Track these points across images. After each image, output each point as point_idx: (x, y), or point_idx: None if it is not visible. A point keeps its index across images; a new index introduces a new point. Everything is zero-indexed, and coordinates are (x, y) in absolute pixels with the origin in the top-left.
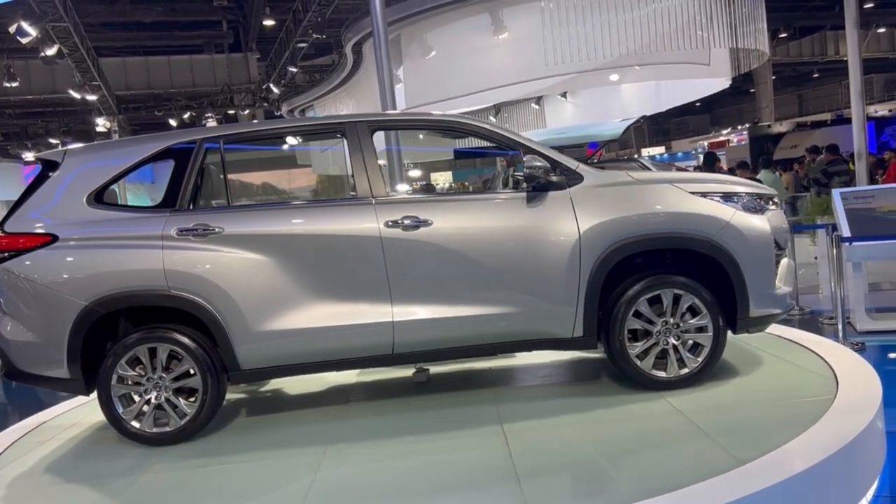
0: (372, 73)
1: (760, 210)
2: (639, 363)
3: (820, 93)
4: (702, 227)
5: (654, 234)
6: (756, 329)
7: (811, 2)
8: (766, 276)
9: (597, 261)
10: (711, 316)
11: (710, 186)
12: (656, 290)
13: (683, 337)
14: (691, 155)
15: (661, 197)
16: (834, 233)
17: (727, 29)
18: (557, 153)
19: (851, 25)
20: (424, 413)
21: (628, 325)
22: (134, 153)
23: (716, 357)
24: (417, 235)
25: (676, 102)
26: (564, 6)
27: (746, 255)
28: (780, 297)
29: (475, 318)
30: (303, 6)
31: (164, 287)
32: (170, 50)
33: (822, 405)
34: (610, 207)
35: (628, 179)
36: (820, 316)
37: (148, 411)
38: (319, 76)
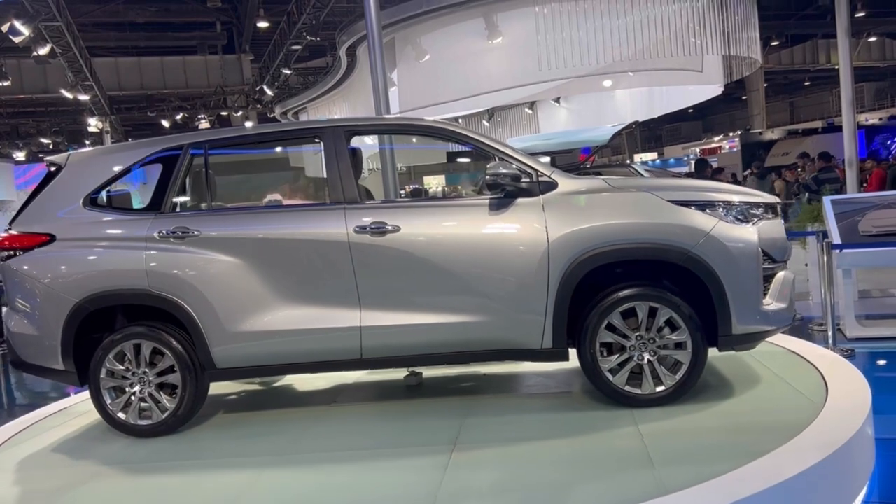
0: (366, 76)
1: (749, 220)
2: (611, 378)
3: (811, 100)
4: (678, 238)
5: (626, 244)
6: (743, 347)
7: (803, 10)
8: (750, 290)
9: (566, 270)
10: (690, 331)
11: (691, 195)
12: (630, 302)
13: (660, 353)
14: (683, 161)
15: (636, 205)
16: (825, 240)
17: (720, 36)
18: (532, 159)
19: (843, 34)
20: (391, 423)
21: (601, 337)
22: (127, 158)
23: (695, 375)
24: (385, 241)
25: (669, 109)
26: (558, 11)
27: (728, 268)
28: (769, 314)
29: (442, 326)
30: (297, 8)
31: (146, 287)
32: (163, 51)
33: (811, 411)
34: (581, 215)
35: (604, 186)
36: (810, 322)
37: (133, 404)
38: (313, 78)
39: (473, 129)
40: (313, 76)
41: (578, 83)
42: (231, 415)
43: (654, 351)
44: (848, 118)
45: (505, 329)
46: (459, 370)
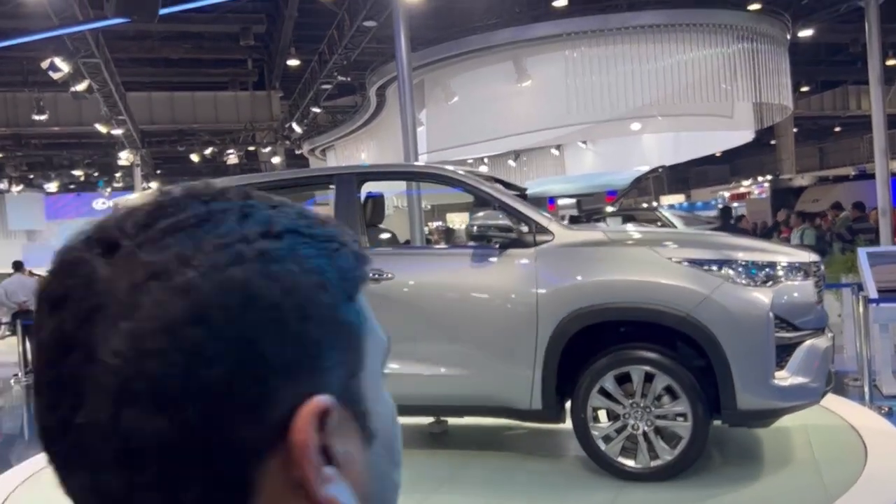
0: (394, 116)
1: (763, 281)
2: (603, 447)
3: (841, 146)
4: (674, 300)
5: (617, 304)
6: (756, 424)
7: (833, 57)
8: (757, 361)
9: (555, 327)
10: (690, 402)
11: (693, 252)
12: (624, 366)
13: (656, 423)
14: (712, 204)
15: (632, 262)
16: (860, 293)
17: (751, 82)
18: (531, 208)
19: (875, 81)
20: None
21: (592, 402)
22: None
23: (694, 450)
24: (378, 288)
25: (696, 154)
26: (588, 56)
27: (731, 335)
28: (784, 389)
29: (431, 378)
30: (329, 48)
31: None
32: (195, 86)
33: (850, 475)
34: (574, 270)
35: (602, 239)
36: (845, 377)
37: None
38: (341, 117)
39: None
40: (342, 114)
41: (606, 126)
42: None
43: (651, 421)
44: (881, 166)
45: (493, 386)
46: (484, 422)
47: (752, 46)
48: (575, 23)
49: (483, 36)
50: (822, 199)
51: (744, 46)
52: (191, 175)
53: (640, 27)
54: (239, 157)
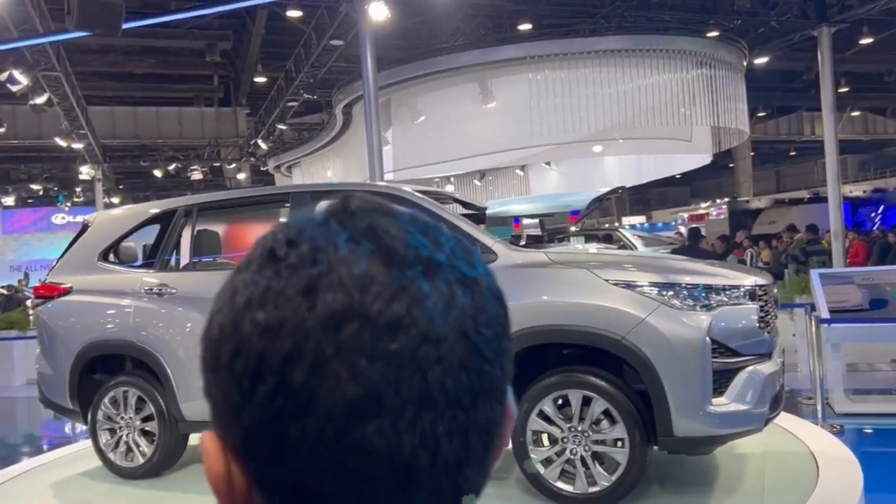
0: (360, 134)
1: (703, 306)
2: (542, 471)
3: (796, 170)
4: (609, 323)
5: (554, 326)
6: (695, 451)
7: (789, 83)
8: (693, 387)
9: None
10: (627, 427)
11: (632, 275)
12: (562, 389)
13: (593, 448)
14: (672, 225)
15: (570, 284)
16: (813, 313)
17: (709, 107)
18: (476, 228)
19: (827, 109)
20: None
21: (532, 426)
22: (134, 218)
23: (632, 477)
24: None
25: (657, 175)
26: (551, 79)
27: (666, 360)
28: (722, 416)
29: None
30: (295, 66)
31: (132, 339)
32: (159, 101)
33: (802, 495)
34: (514, 291)
35: (543, 261)
36: (799, 395)
37: (120, 447)
38: (308, 134)
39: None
40: (308, 132)
41: (569, 148)
42: None
43: (588, 446)
44: (833, 191)
45: None
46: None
47: (711, 72)
48: (539, 46)
49: (449, 57)
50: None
51: (702, 72)
52: (154, 191)
53: (603, 52)
54: (203, 172)
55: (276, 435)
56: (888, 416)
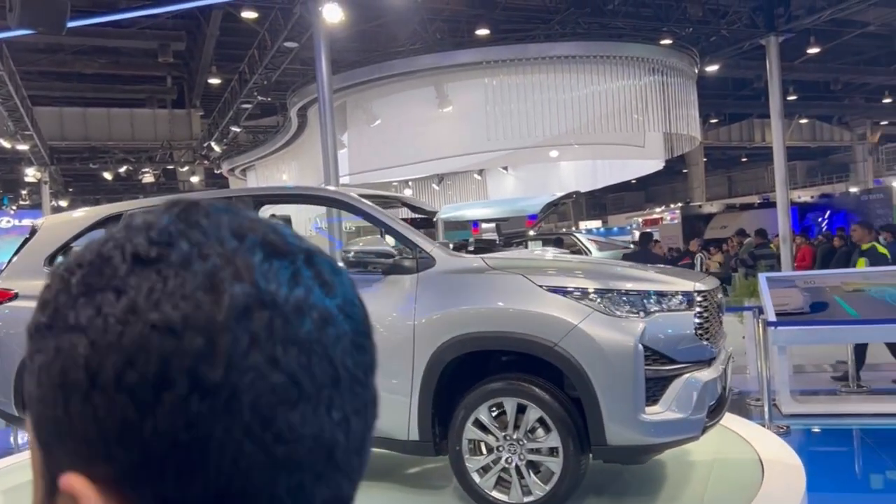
0: (316, 137)
1: (637, 312)
2: (477, 480)
3: (748, 176)
4: (541, 330)
5: (488, 333)
6: (630, 461)
7: (739, 91)
8: (625, 395)
9: (431, 357)
10: (561, 436)
11: (565, 280)
12: (497, 397)
13: (529, 457)
14: (627, 230)
15: (505, 290)
16: (760, 316)
17: (661, 114)
18: (417, 234)
19: (776, 116)
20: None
21: (467, 434)
22: (81, 222)
23: (566, 487)
24: None
25: (612, 181)
26: (507, 84)
27: (599, 367)
28: (654, 424)
29: None
30: (249, 68)
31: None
32: (110, 102)
33: (747, 496)
34: (450, 297)
35: (480, 267)
36: (747, 397)
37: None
38: (263, 137)
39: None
40: (263, 134)
41: (526, 153)
42: None
43: (523, 455)
44: (782, 196)
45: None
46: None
47: (663, 79)
48: (495, 51)
49: (405, 60)
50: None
51: (655, 79)
52: (104, 194)
53: (557, 58)
54: (156, 175)
55: (192, 442)
56: (833, 416)
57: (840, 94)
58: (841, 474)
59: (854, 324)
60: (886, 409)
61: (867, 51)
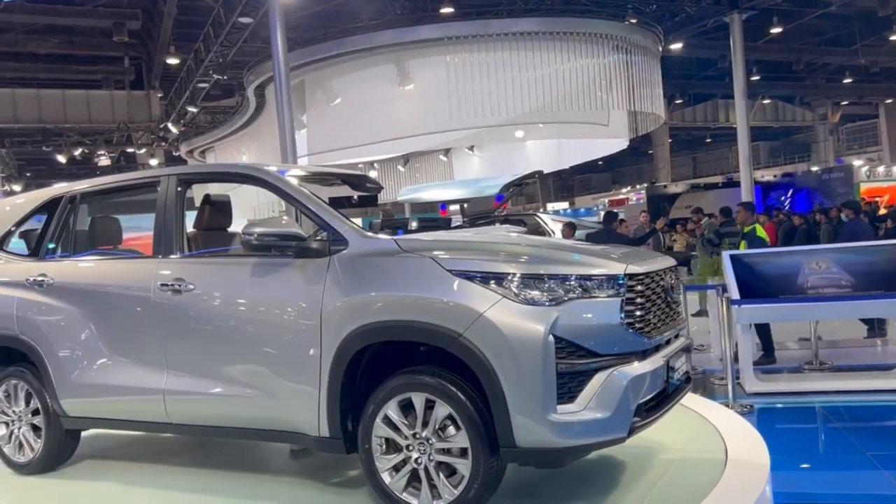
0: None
1: (550, 299)
2: (387, 481)
3: (712, 156)
4: (446, 318)
5: (391, 322)
6: (544, 464)
7: (704, 71)
8: (533, 392)
9: (337, 348)
10: (470, 435)
11: (474, 264)
12: (405, 391)
13: (438, 458)
14: (593, 211)
15: (412, 275)
16: (724, 294)
17: (626, 92)
18: (332, 213)
19: (740, 96)
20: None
21: (377, 431)
22: (26, 205)
23: (477, 491)
24: (181, 300)
25: (577, 160)
26: (469, 62)
27: (505, 360)
28: (567, 425)
29: (223, 398)
30: (205, 46)
31: (15, 330)
32: (65, 84)
33: (710, 478)
34: (358, 283)
35: (392, 249)
36: (711, 376)
37: (13, 441)
38: (223, 117)
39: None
40: (223, 115)
41: (491, 133)
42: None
43: (432, 455)
44: (745, 175)
45: (280, 409)
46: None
47: (627, 57)
48: (456, 27)
49: (365, 37)
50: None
51: (619, 57)
52: (60, 177)
53: (520, 34)
54: (112, 157)
55: None
56: (796, 394)
57: (802, 74)
58: (805, 452)
59: (817, 301)
60: (850, 386)
61: (828, 31)
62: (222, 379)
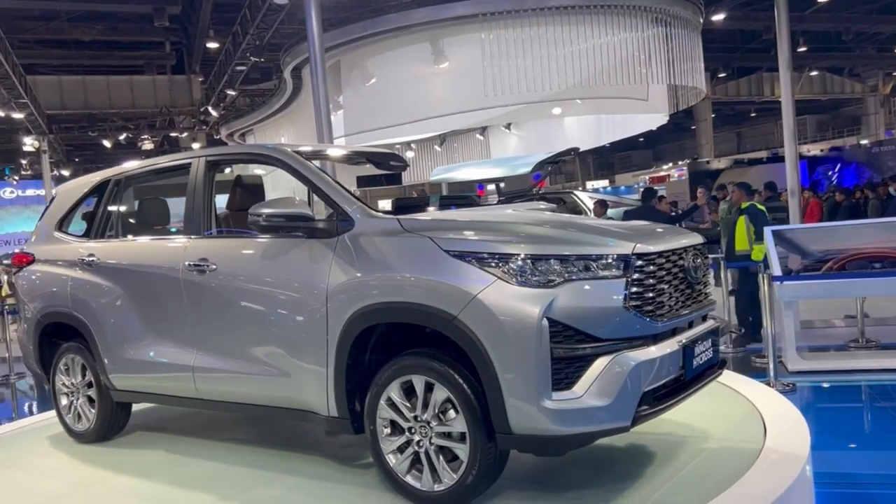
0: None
1: (547, 280)
2: (391, 462)
3: (757, 131)
4: (441, 300)
5: (389, 304)
6: (542, 452)
7: (748, 44)
8: (527, 378)
9: (342, 329)
10: (467, 420)
11: (470, 244)
12: (406, 374)
13: (438, 442)
14: (634, 189)
15: (410, 255)
16: (766, 271)
17: (665, 66)
18: (341, 193)
19: (785, 68)
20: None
21: (382, 413)
22: (80, 189)
23: (476, 476)
24: (205, 280)
25: (616, 137)
26: (504, 38)
27: (499, 344)
28: (562, 413)
29: (243, 376)
30: (242, 29)
31: (69, 308)
32: (110, 70)
33: (748, 458)
34: (360, 263)
35: (394, 229)
36: (753, 354)
37: (72, 412)
38: (261, 100)
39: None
40: (262, 98)
41: (527, 110)
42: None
43: (433, 438)
44: (790, 149)
45: (294, 387)
46: None
47: (667, 30)
48: (491, 3)
49: (399, 15)
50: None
51: (659, 30)
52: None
53: (556, 8)
54: (155, 142)
55: None
56: (840, 373)
57: (851, 44)
58: (848, 432)
59: (864, 276)
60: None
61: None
62: (242, 357)
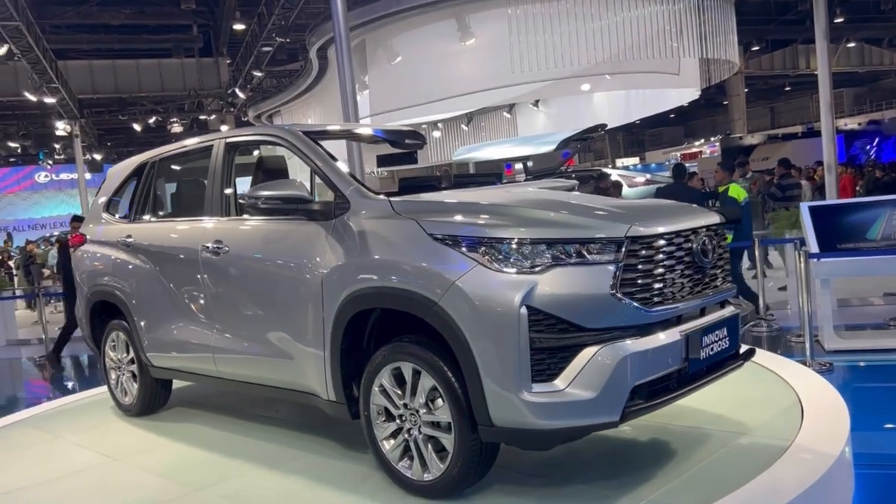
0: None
1: (528, 266)
2: (384, 448)
3: (791, 105)
4: (423, 286)
5: (373, 287)
6: (526, 445)
7: (783, 15)
8: (506, 368)
9: (336, 313)
10: (451, 410)
11: (454, 227)
12: (395, 361)
13: (425, 431)
14: (665, 166)
15: (395, 239)
16: (802, 248)
17: (697, 39)
18: (341, 175)
19: (821, 38)
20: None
21: (375, 400)
22: (125, 171)
23: (462, 467)
24: (220, 262)
25: (646, 113)
26: (531, 13)
27: (479, 332)
28: (542, 406)
29: (252, 357)
30: (267, 10)
31: (111, 287)
32: (138, 53)
33: (784, 440)
34: (352, 247)
35: (386, 212)
36: (788, 333)
37: (119, 386)
38: (288, 81)
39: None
40: (288, 79)
41: (555, 86)
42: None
43: (421, 427)
44: (827, 123)
45: (296, 369)
46: None
47: (699, 2)
48: None
49: None
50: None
51: (690, 2)
52: (137, 146)
53: None
54: (184, 125)
55: None
56: (879, 351)
57: (891, 14)
58: (888, 412)
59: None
60: None
61: None
62: (250, 339)
